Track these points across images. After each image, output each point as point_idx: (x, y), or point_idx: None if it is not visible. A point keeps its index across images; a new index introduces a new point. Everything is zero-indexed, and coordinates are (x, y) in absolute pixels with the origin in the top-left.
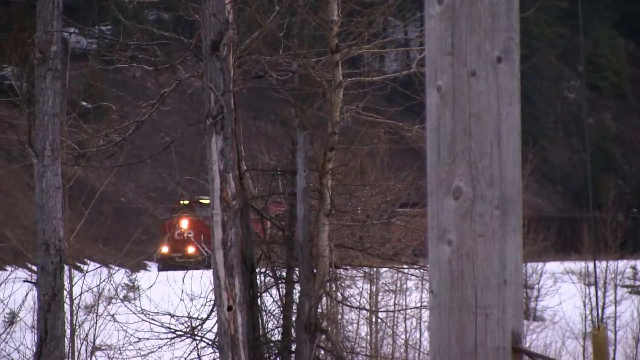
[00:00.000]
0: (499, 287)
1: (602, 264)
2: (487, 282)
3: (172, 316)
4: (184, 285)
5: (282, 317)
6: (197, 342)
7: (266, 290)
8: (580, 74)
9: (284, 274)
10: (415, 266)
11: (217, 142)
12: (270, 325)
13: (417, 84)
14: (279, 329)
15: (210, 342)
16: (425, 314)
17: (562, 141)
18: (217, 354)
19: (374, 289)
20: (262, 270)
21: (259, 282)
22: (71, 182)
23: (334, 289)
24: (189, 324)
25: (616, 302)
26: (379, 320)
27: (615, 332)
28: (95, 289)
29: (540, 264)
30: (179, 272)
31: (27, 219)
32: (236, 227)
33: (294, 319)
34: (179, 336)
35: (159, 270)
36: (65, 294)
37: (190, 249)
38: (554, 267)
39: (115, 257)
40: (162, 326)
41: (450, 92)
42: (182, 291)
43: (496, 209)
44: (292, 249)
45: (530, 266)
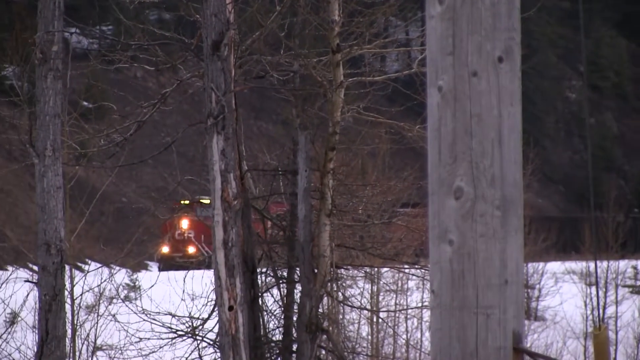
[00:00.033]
0: (500, 287)
1: (603, 264)
2: (488, 282)
3: (173, 316)
4: (185, 285)
5: (283, 317)
6: (198, 342)
7: (267, 290)
8: (581, 74)
9: (285, 274)
10: (416, 266)
11: (218, 142)
12: (271, 325)
13: (418, 84)
14: (280, 329)
15: (211, 342)
16: (426, 314)
17: (563, 141)
18: (218, 354)
19: (375, 289)
20: (263, 270)
21: (260, 282)
22: (72, 182)
23: (335, 289)
24: (190, 324)
25: (617, 302)
26: (380, 320)
27: (616, 332)
28: (96, 289)
29: (541, 264)
30: (180, 272)
31: (28, 219)
32: (237, 227)
33: (295, 319)
34: (180, 336)
35: (160, 270)
36: (66, 294)
37: (190, 249)
38: (555, 267)
39: (116, 257)
40: (163, 326)
41: (451, 92)
42: (183, 291)
43: (497, 209)
44: (293, 249)
45: (531, 266)
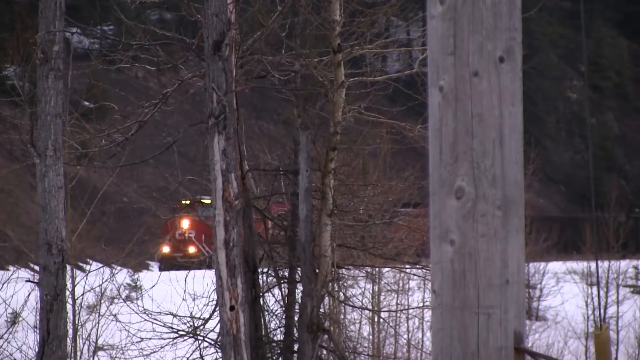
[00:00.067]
0: (501, 287)
1: (604, 264)
2: (490, 282)
3: (175, 316)
4: (186, 285)
5: (284, 317)
6: (200, 342)
7: (268, 290)
8: (582, 74)
9: (286, 273)
10: (417, 266)
11: (219, 142)
12: (272, 325)
13: (419, 84)
14: (281, 329)
15: (212, 342)
16: (427, 314)
17: (564, 141)
18: (220, 354)
19: (376, 288)
20: (265, 270)
21: (261, 282)
22: (73, 182)
23: (336, 288)
24: (192, 323)
25: (618, 302)
26: (382, 320)
27: (617, 332)
28: (97, 289)
29: (542, 264)
30: (181, 272)
31: (29, 219)
32: (238, 227)
33: (296, 318)
34: (182, 336)
35: (160, 270)
36: (67, 293)
37: (191, 249)
38: (556, 267)
39: (117, 257)
40: (164, 326)
41: (452, 92)
42: (185, 291)
43: (498, 209)
44: (295, 248)
45: (532, 266)
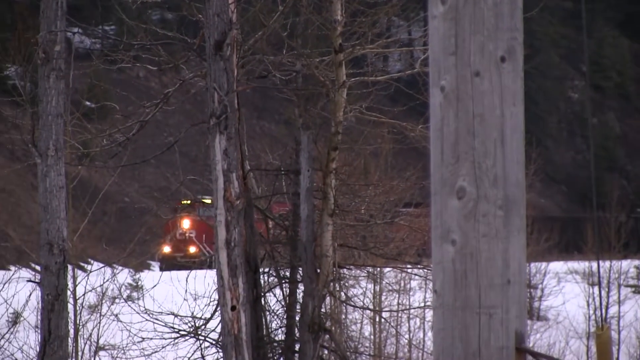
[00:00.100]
0: (503, 287)
1: (605, 264)
2: (491, 282)
3: (176, 316)
4: (188, 285)
5: (285, 316)
6: (201, 341)
7: (270, 290)
8: (584, 74)
9: (288, 273)
10: (418, 266)
11: (220, 142)
12: (273, 325)
13: (421, 84)
14: (283, 329)
15: (213, 342)
16: (428, 314)
17: (565, 141)
18: (221, 354)
19: (377, 288)
20: (266, 270)
21: (262, 281)
22: (75, 182)
23: (338, 288)
24: (193, 323)
25: (620, 302)
26: (383, 320)
27: (618, 332)
28: (98, 289)
29: (543, 264)
30: (183, 271)
31: (30, 219)
32: (240, 227)
33: (297, 318)
34: (183, 336)
35: (161, 269)
36: (68, 293)
37: (191, 249)
38: (557, 267)
39: (118, 256)
40: (165, 326)
41: (453, 92)
42: (186, 291)
43: (500, 209)
44: (296, 248)
45: (533, 266)
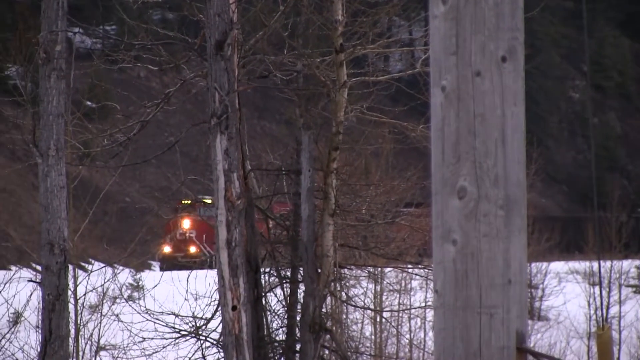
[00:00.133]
0: (504, 287)
1: (606, 264)
2: (492, 281)
3: (177, 316)
4: (189, 285)
5: (286, 316)
6: (202, 341)
7: (270, 290)
8: (584, 74)
9: (289, 273)
10: (419, 266)
11: (221, 142)
12: (274, 325)
13: (422, 84)
14: (284, 329)
15: (214, 342)
16: (429, 314)
17: (566, 141)
18: (222, 354)
19: (378, 288)
20: (267, 270)
21: (263, 281)
22: (75, 182)
23: (339, 288)
24: (194, 323)
25: (621, 302)
26: (384, 320)
27: (619, 332)
28: (99, 289)
29: (544, 264)
30: (183, 271)
31: (31, 219)
32: (240, 227)
33: (298, 318)
34: (184, 336)
35: (161, 269)
36: (69, 293)
37: (192, 249)
38: (558, 266)
39: (119, 256)
40: (166, 326)
41: (454, 92)
42: (187, 291)
43: (501, 209)
44: (297, 248)
45: (534, 266)
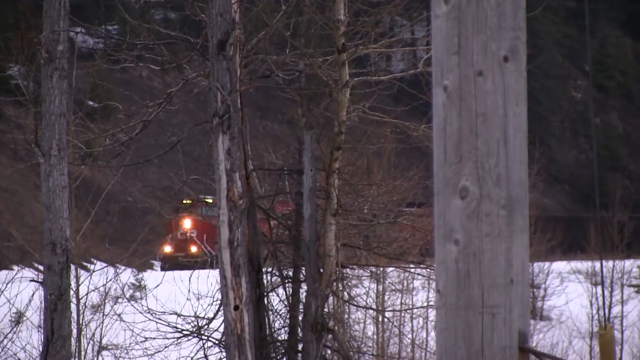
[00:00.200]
0: (506, 287)
1: (608, 264)
2: (494, 281)
3: (179, 316)
4: (191, 284)
5: (288, 316)
6: (204, 341)
7: (273, 289)
8: (586, 74)
9: (291, 273)
10: (421, 266)
11: (223, 142)
12: (276, 324)
13: (424, 84)
14: (286, 329)
15: (216, 342)
16: (431, 314)
17: (568, 141)
18: (224, 354)
19: (380, 288)
20: (269, 269)
21: (265, 281)
22: (78, 182)
23: (341, 288)
24: (196, 323)
25: (623, 302)
26: (386, 319)
27: (622, 332)
28: (101, 289)
29: (547, 264)
30: (185, 271)
31: (33, 219)
32: (243, 227)
33: (300, 318)
34: (186, 336)
35: (162, 269)
36: (71, 293)
37: (192, 249)
38: (560, 266)
39: (121, 256)
40: (168, 326)
41: (456, 92)
42: (189, 291)
43: (503, 209)
44: (299, 248)
45: (537, 266)
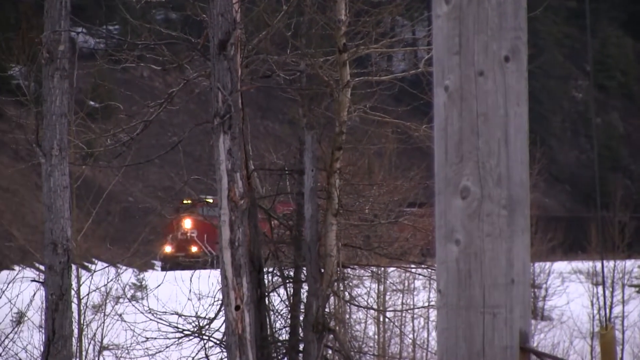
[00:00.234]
0: (507, 287)
1: (609, 264)
2: (495, 281)
3: (180, 316)
4: (192, 284)
5: (289, 316)
6: (205, 341)
7: (274, 289)
8: (587, 74)
9: (292, 273)
10: (422, 266)
11: (224, 142)
12: (277, 324)
13: (425, 84)
14: (287, 329)
15: (217, 342)
16: (432, 314)
17: (569, 141)
18: (225, 354)
19: (381, 288)
20: (270, 269)
21: (266, 281)
22: (79, 182)
23: (342, 288)
24: (197, 323)
25: (624, 302)
26: (387, 319)
27: (622, 332)
28: (102, 289)
29: (548, 264)
30: (187, 271)
31: (34, 219)
32: (244, 227)
33: (301, 318)
34: (187, 336)
35: (162, 269)
36: (72, 293)
37: (193, 249)
38: (561, 266)
39: (122, 256)
40: (169, 326)
41: (457, 92)
42: (190, 291)
43: (504, 209)
44: (300, 248)
45: (538, 266)
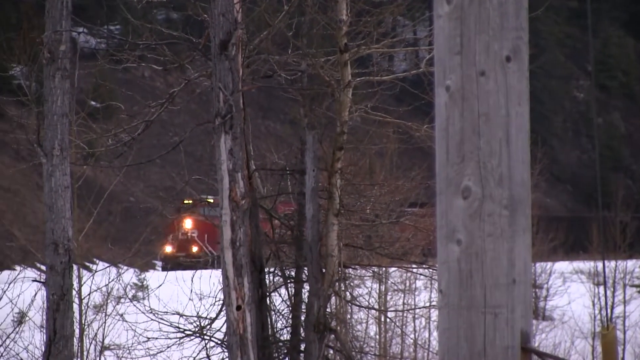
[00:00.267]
0: (508, 287)
1: (611, 264)
2: (496, 281)
3: (181, 316)
4: (193, 284)
5: (291, 316)
6: (206, 341)
7: (275, 289)
8: (589, 74)
9: (293, 273)
10: (424, 266)
11: (226, 142)
12: (279, 324)
13: (426, 84)
14: (288, 329)
15: (219, 342)
16: (434, 314)
17: (571, 141)
18: (226, 354)
19: (382, 288)
20: (271, 269)
21: (267, 281)
22: (80, 182)
23: (343, 288)
24: (198, 323)
25: (625, 302)
26: (388, 319)
27: (624, 332)
28: (104, 289)
29: (549, 264)
30: (188, 271)
31: (35, 219)
32: (245, 227)
33: (302, 318)
34: (188, 336)
35: (163, 269)
36: (74, 293)
37: (194, 249)
38: (563, 266)
39: (124, 256)
40: (170, 326)
41: (459, 92)
42: (191, 291)
43: (505, 209)
44: (301, 248)
45: (539, 266)
